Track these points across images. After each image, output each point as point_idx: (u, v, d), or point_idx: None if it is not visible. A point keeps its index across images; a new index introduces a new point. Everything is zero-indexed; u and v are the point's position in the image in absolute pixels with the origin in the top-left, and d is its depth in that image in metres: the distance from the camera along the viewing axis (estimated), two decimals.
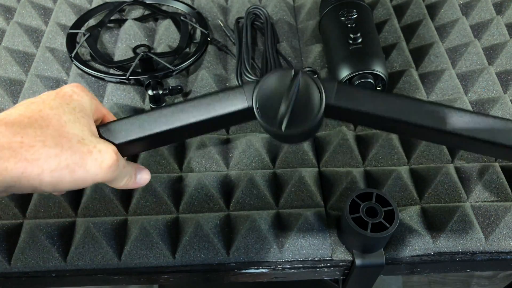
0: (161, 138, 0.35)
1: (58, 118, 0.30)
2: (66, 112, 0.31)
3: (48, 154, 0.28)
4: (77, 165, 0.29)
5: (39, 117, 0.29)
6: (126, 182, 0.35)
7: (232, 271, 0.43)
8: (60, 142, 0.29)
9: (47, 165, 0.28)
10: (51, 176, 0.28)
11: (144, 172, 0.37)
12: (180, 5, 0.65)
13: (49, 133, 0.29)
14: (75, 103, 0.32)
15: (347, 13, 0.54)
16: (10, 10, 0.63)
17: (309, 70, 0.55)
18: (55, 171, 0.28)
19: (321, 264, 0.43)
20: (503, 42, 0.58)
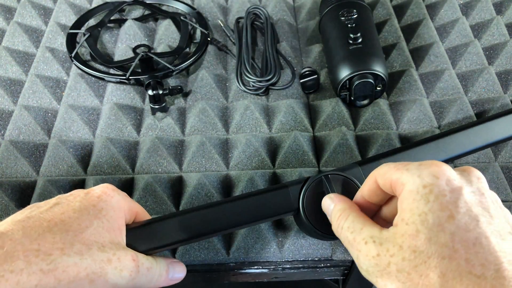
0: (193, 241, 0.34)
1: (79, 222, 0.29)
2: (91, 214, 0.30)
3: (66, 263, 0.26)
4: (96, 275, 0.27)
5: (59, 221, 0.28)
6: (156, 283, 0.32)
7: (232, 271, 0.43)
8: (80, 249, 0.27)
9: (65, 275, 0.26)
10: (68, 287, 0.26)
11: (178, 268, 0.35)
12: (180, 5, 0.65)
13: (69, 239, 0.28)
14: (102, 204, 0.31)
15: (347, 13, 0.54)
16: (10, 10, 0.63)
17: (309, 70, 0.55)
18: (73, 282, 0.26)
19: (321, 264, 0.43)
20: (503, 42, 0.58)
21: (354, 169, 0.35)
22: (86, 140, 0.51)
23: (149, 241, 0.32)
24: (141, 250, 0.32)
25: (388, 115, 0.53)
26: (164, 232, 0.33)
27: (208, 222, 0.33)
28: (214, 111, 0.53)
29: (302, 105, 0.54)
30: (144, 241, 0.32)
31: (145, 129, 0.52)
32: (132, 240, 0.32)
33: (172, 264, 0.34)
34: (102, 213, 0.30)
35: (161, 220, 0.34)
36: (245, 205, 0.34)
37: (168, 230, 0.33)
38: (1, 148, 0.48)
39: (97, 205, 0.31)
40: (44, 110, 0.53)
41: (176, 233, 0.33)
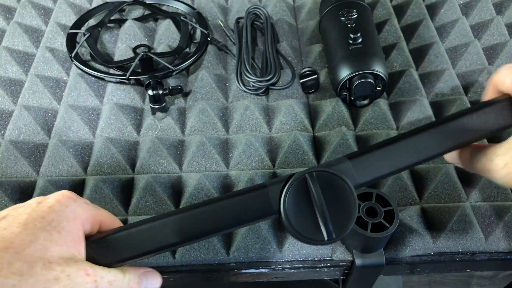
0: (165, 250, 0.31)
1: (22, 237, 0.26)
2: (37, 228, 0.26)
3: (2, 286, 0.24)
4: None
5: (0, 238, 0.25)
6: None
7: (232, 271, 0.43)
8: (20, 269, 0.24)
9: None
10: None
11: (151, 279, 0.32)
12: (180, 5, 0.65)
13: (7, 259, 0.25)
14: (53, 215, 0.28)
15: (347, 13, 0.54)
16: (10, 10, 0.63)
17: (309, 70, 0.55)
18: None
19: (321, 264, 0.43)
20: (503, 42, 0.58)
21: (344, 164, 0.31)
22: (86, 140, 0.51)
23: (112, 253, 0.29)
24: (106, 263, 0.29)
25: (388, 115, 0.53)
26: (130, 243, 0.30)
27: (177, 231, 0.30)
28: (214, 111, 0.53)
29: (302, 105, 0.54)
30: (106, 253, 0.29)
31: (145, 129, 0.52)
32: (93, 253, 0.29)
33: (145, 274, 0.31)
34: (52, 224, 0.27)
35: (125, 230, 0.30)
36: (220, 210, 0.30)
37: (133, 240, 0.30)
38: (1, 148, 0.48)
39: (46, 217, 0.27)
40: (44, 110, 0.53)
41: (143, 243, 0.30)
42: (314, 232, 0.29)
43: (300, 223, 0.29)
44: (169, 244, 0.30)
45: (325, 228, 0.29)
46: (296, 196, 0.30)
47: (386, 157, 0.31)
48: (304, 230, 0.29)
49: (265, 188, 0.31)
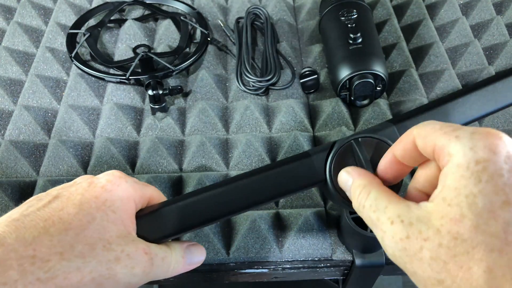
0: (213, 222, 0.31)
1: (80, 218, 0.26)
2: (93, 208, 0.27)
3: (67, 269, 0.24)
4: (104, 277, 0.25)
5: (57, 219, 0.25)
6: (173, 271, 0.30)
7: (232, 271, 0.43)
8: (82, 251, 0.25)
9: (66, 282, 0.23)
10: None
11: (196, 252, 0.32)
12: (180, 5, 0.65)
13: (68, 241, 0.25)
14: (106, 195, 0.28)
15: (347, 13, 0.54)
16: (10, 10, 0.63)
17: (309, 70, 0.55)
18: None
19: (321, 264, 0.43)
20: (503, 42, 0.58)
21: (388, 129, 0.30)
22: (86, 140, 0.51)
23: (160, 229, 0.29)
24: (154, 239, 0.29)
25: (388, 115, 0.53)
26: (177, 217, 0.30)
27: (224, 203, 0.30)
28: (214, 111, 0.53)
29: (302, 105, 0.54)
30: (155, 229, 0.29)
31: (145, 129, 0.52)
32: (143, 230, 0.29)
33: (189, 248, 0.32)
34: (107, 204, 0.27)
35: (173, 203, 0.30)
36: (267, 180, 0.30)
37: (181, 214, 0.30)
38: (1, 148, 0.48)
39: (100, 196, 0.28)
40: (44, 110, 0.53)
41: (191, 217, 0.30)
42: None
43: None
44: (215, 216, 0.30)
45: None
46: (342, 162, 0.29)
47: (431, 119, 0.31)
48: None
49: (309, 157, 0.30)
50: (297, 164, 0.31)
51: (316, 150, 0.31)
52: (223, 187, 0.31)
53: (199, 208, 0.30)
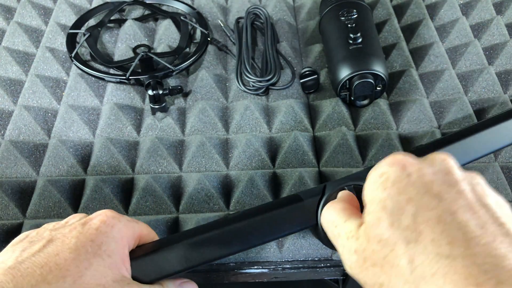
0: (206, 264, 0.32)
1: (77, 264, 0.26)
2: (89, 253, 0.26)
3: None
4: None
5: (54, 266, 0.25)
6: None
7: (232, 271, 0.43)
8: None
9: None
10: None
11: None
12: (180, 5, 0.65)
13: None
14: (102, 238, 0.27)
15: (347, 13, 0.54)
16: (10, 10, 0.63)
17: (309, 70, 0.55)
18: None
19: (321, 264, 0.43)
20: (503, 42, 0.58)
21: None
22: (86, 140, 0.51)
23: (155, 271, 0.30)
24: (148, 280, 0.30)
25: (388, 115, 0.53)
26: (171, 259, 0.30)
27: (217, 246, 0.31)
28: (214, 111, 0.53)
29: (302, 105, 0.54)
30: (149, 271, 0.30)
31: (145, 129, 0.52)
32: (137, 271, 0.29)
33: (181, 285, 0.32)
34: (102, 248, 0.27)
35: (167, 246, 0.31)
36: (259, 224, 0.31)
37: (174, 257, 0.30)
38: (1, 148, 0.48)
39: (95, 240, 0.27)
40: (44, 110, 0.53)
41: (184, 260, 0.30)
42: None
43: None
44: (209, 259, 0.31)
45: None
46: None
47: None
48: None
49: (302, 201, 0.32)
50: (289, 208, 0.32)
51: (308, 194, 0.32)
52: (217, 230, 0.31)
53: (193, 251, 0.30)
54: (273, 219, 0.32)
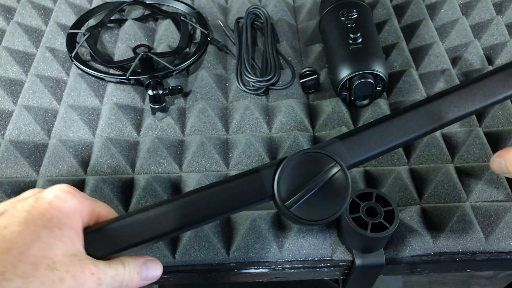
0: (167, 237, 0.31)
1: (24, 237, 0.25)
2: (39, 225, 0.26)
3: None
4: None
5: (0, 238, 0.25)
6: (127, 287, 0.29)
7: (232, 271, 0.43)
8: (24, 271, 0.24)
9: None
10: None
11: (152, 267, 0.31)
12: (180, 5, 0.65)
13: (10, 261, 0.24)
14: (54, 212, 0.27)
15: (347, 13, 0.54)
16: (10, 10, 0.63)
17: (309, 70, 0.55)
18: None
19: (321, 264, 0.43)
20: (503, 42, 0.58)
21: (335, 144, 0.31)
22: (86, 140, 0.51)
23: (108, 244, 0.29)
24: (103, 255, 0.29)
25: None
26: (125, 233, 0.29)
27: (172, 218, 0.30)
28: (214, 111, 0.53)
29: (302, 105, 0.54)
30: (102, 244, 0.29)
31: (145, 129, 0.52)
32: (91, 246, 0.28)
33: (145, 263, 0.31)
34: (53, 221, 0.26)
35: (121, 219, 0.30)
36: (214, 196, 0.30)
37: (129, 230, 0.29)
38: (1, 148, 0.48)
39: (46, 214, 0.27)
40: (44, 110, 0.53)
41: (138, 233, 0.29)
42: (307, 213, 0.29)
43: (294, 205, 0.29)
44: (164, 232, 0.30)
45: (318, 208, 0.29)
46: (289, 178, 0.30)
47: (377, 136, 0.31)
48: (297, 211, 0.29)
49: (258, 172, 0.31)
50: (245, 180, 0.31)
51: (265, 165, 0.31)
52: (170, 203, 0.30)
53: (147, 224, 0.30)
54: (228, 190, 0.31)
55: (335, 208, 0.29)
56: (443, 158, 0.49)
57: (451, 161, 0.49)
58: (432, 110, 0.32)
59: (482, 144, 0.49)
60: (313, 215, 0.29)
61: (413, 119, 0.32)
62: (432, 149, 0.49)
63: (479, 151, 0.49)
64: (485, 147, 0.49)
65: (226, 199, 0.30)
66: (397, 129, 0.31)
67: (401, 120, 0.32)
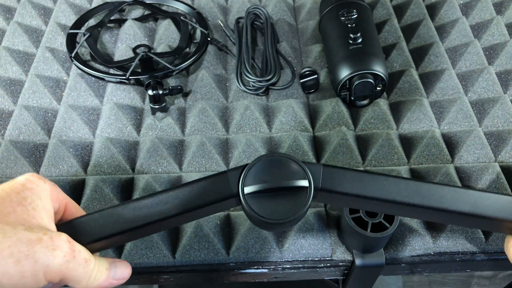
0: (136, 234, 0.31)
1: (1, 209, 0.26)
2: (14, 202, 0.27)
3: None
4: (23, 253, 0.24)
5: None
6: (96, 280, 0.29)
7: (232, 271, 0.43)
8: (3, 228, 0.25)
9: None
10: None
11: (121, 268, 0.32)
12: (180, 5, 0.65)
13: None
14: (27, 192, 0.28)
15: (347, 13, 0.54)
16: (10, 10, 0.63)
17: (309, 70, 0.55)
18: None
19: (321, 264, 0.43)
20: (503, 42, 0.58)
21: (316, 165, 0.32)
22: (86, 140, 0.51)
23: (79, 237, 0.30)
24: None
25: (388, 115, 0.53)
26: (95, 226, 0.30)
27: (138, 215, 0.30)
28: (214, 111, 0.53)
29: (302, 105, 0.54)
30: (79, 234, 0.30)
31: (145, 129, 0.52)
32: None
33: (114, 263, 0.31)
34: (27, 200, 0.28)
35: (90, 214, 0.31)
36: (182, 195, 0.31)
37: (97, 224, 0.30)
38: (1, 148, 0.48)
39: (21, 193, 0.28)
40: (44, 110, 0.53)
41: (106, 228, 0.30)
42: (269, 214, 0.30)
43: (258, 205, 0.30)
44: (130, 228, 0.30)
45: (279, 210, 0.30)
46: (255, 179, 0.31)
47: (356, 181, 0.32)
48: (261, 211, 0.30)
49: (225, 173, 0.31)
50: (212, 180, 0.32)
51: (234, 168, 0.32)
52: (139, 201, 0.31)
53: (115, 220, 0.30)
54: (194, 190, 0.31)
55: (295, 212, 0.30)
56: (443, 158, 0.49)
57: (451, 161, 0.49)
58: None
59: (482, 144, 0.49)
60: (268, 214, 0.30)
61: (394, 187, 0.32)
62: (432, 149, 0.49)
63: (479, 151, 0.49)
64: (485, 147, 0.49)
65: (193, 198, 0.31)
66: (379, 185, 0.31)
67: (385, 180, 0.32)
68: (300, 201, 0.30)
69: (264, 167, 0.31)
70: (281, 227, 0.31)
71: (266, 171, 0.31)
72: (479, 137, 0.49)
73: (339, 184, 0.31)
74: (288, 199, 0.30)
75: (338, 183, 0.31)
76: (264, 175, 0.31)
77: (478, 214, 0.32)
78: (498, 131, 0.51)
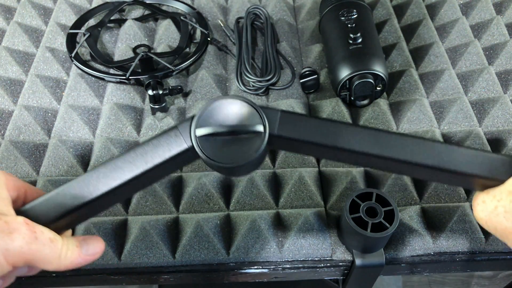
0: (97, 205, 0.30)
1: None
2: None
3: None
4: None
5: None
6: (68, 258, 0.28)
7: (232, 271, 0.43)
8: None
9: None
10: None
11: (92, 244, 0.31)
12: (180, 5, 0.65)
13: None
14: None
15: (347, 13, 0.54)
16: (10, 10, 0.63)
17: (309, 70, 0.55)
18: None
19: (321, 264, 0.43)
20: (503, 42, 0.58)
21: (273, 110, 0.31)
22: (86, 140, 0.51)
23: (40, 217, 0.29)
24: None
25: (388, 115, 0.53)
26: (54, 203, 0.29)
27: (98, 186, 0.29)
28: None
29: (302, 105, 0.54)
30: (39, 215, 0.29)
31: (145, 129, 0.52)
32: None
33: (85, 240, 0.31)
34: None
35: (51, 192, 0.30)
36: (135, 156, 0.30)
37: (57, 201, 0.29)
38: (1, 148, 0.48)
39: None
40: (44, 110, 0.53)
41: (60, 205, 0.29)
42: (221, 158, 0.29)
43: (211, 150, 0.29)
44: (89, 200, 0.29)
45: (233, 155, 0.29)
46: (207, 122, 0.30)
47: (315, 128, 0.31)
48: (212, 155, 0.29)
49: (176, 127, 0.30)
50: (165, 135, 0.30)
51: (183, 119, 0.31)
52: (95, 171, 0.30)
53: (72, 193, 0.30)
54: (147, 149, 0.30)
55: (243, 160, 0.29)
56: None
57: None
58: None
59: (482, 144, 0.49)
60: (220, 158, 0.29)
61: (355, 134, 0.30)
62: None
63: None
64: (485, 147, 0.49)
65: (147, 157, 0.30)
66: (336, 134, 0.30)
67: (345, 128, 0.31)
68: (255, 146, 0.29)
69: (218, 111, 0.30)
70: (236, 171, 0.31)
71: (220, 114, 0.30)
72: (479, 137, 0.49)
73: (296, 131, 0.30)
74: (243, 144, 0.29)
75: (295, 130, 0.30)
76: (217, 118, 0.30)
77: (444, 168, 0.30)
78: (498, 131, 0.51)
